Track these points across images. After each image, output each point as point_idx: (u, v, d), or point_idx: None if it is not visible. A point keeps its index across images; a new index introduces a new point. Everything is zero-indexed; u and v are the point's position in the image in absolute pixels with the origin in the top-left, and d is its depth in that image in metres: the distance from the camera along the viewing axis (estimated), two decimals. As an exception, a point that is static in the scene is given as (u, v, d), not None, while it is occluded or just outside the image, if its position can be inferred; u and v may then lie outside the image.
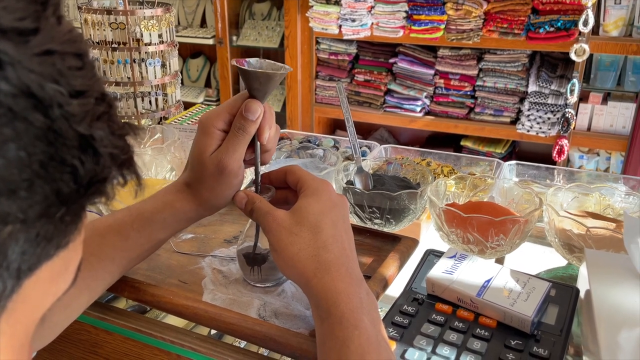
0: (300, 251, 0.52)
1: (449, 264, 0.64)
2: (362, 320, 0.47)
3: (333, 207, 0.55)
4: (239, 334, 0.57)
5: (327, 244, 0.52)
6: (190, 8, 3.39)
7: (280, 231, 0.54)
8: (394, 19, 2.49)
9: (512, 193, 0.80)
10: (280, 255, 0.54)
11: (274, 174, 0.61)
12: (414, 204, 0.78)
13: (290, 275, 0.54)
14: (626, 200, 0.79)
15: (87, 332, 0.66)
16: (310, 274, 0.51)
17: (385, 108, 2.72)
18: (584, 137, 2.40)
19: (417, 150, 1.10)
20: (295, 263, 0.52)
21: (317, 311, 0.50)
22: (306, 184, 0.57)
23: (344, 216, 0.56)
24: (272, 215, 0.55)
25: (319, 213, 0.54)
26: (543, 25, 2.24)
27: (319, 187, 0.56)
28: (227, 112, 0.57)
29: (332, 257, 0.52)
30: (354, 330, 0.47)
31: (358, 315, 0.48)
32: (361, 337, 0.46)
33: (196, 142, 0.58)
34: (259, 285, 0.65)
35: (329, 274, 0.51)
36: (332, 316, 0.48)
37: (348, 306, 0.48)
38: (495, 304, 0.57)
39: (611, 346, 0.51)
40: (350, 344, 0.46)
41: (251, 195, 0.58)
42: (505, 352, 0.54)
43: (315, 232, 0.53)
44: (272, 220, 0.54)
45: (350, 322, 0.47)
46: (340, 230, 0.54)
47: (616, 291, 0.59)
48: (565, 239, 0.72)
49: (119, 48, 1.18)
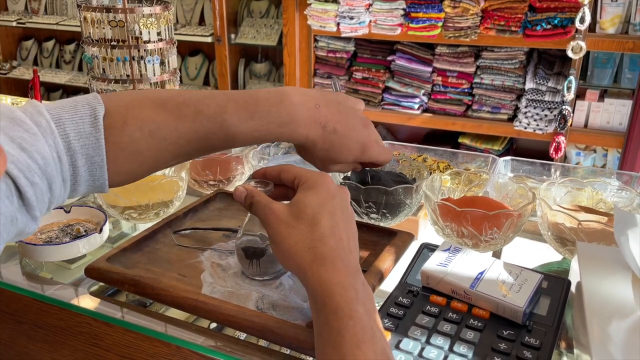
0: (297, 244, 0.53)
1: (443, 256, 0.65)
2: (357, 311, 0.48)
3: (331, 199, 0.56)
4: (237, 326, 0.59)
5: (323, 236, 0.53)
6: (189, 6, 3.39)
7: (278, 224, 0.55)
8: (391, 16, 2.50)
9: (507, 188, 0.81)
10: (278, 247, 0.55)
11: (269, 170, 0.61)
12: (409, 199, 0.79)
13: (288, 267, 0.56)
14: (618, 195, 0.80)
15: (87, 324, 0.67)
16: (307, 266, 0.52)
17: (383, 105, 2.73)
18: (580, 134, 2.41)
19: (414, 146, 1.11)
20: (292, 255, 0.53)
21: (313, 303, 0.52)
22: (304, 178, 0.58)
23: (343, 207, 0.57)
24: (271, 208, 0.56)
25: (317, 205, 0.55)
26: (540, 22, 2.26)
27: (317, 180, 0.57)
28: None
29: (328, 250, 0.53)
30: (348, 321, 0.48)
31: (353, 306, 0.49)
32: (356, 326, 0.47)
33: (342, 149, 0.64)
34: (257, 278, 0.66)
35: (325, 266, 0.52)
36: (328, 307, 0.49)
37: (343, 297, 0.49)
38: (488, 296, 0.59)
39: (601, 337, 0.53)
40: (345, 334, 0.47)
41: (250, 189, 0.59)
42: (497, 342, 0.55)
43: (312, 225, 0.54)
44: (270, 213, 0.56)
45: (345, 312, 0.48)
46: (338, 221, 0.55)
47: (606, 283, 0.60)
48: (558, 232, 0.73)
49: (118, 46, 1.19)
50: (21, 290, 0.71)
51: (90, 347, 0.68)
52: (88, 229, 0.80)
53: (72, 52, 3.87)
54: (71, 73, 3.81)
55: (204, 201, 0.85)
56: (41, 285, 0.73)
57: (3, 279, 0.74)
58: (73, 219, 0.83)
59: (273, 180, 0.61)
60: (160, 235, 0.76)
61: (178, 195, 0.87)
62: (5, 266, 0.78)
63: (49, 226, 0.81)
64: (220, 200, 0.88)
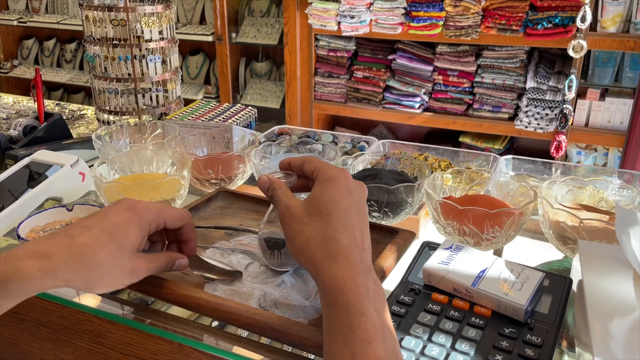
0: (310, 239, 0.54)
1: (445, 255, 0.65)
2: (368, 309, 0.48)
3: (347, 195, 0.56)
4: (240, 324, 0.59)
5: (336, 233, 0.53)
6: (190, 5, 3.40)
7: (292, 220, 0.56)
8: (392, 15, 2.50)
9: (508, 186, 0.81)
10: (291, 242, 0.56)
11: (294, 161, 0.62)
12: (411, 197, 0.79)
13: (301, 262, 0.56)
14: (620, 194, 0.80)
15: (90, 322, 0.67)
16: (319, 261, 0.52)
17: (384, 104, 2.73)
18: (581, 133, 2.41)
19: (415, 145, 1.11)
20: (305, 251, 0.54)
21: (324, 298, 0.52)
22: (321, 172, 0.58)
23: (360, 204, 0.57)
24: (287, 205, 0.57)
25: (330, 202, 0.55)
26: (541, 21, 2.26)
27: (334, 175, 0.57)
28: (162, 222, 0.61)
29: (341, 246, 0.53)
30: (360, 317, 0.48)
31: (365, 303, 0.49)
32: (367, 323, 0.47)
33: (129, 231, 0.56)
34: (278, 269, 0.67)
35: (337, 262, 0.52)
36: (339, 303, 0.49)
37: (355, 294, 0.49)
38: (490, 294, 0.59)
39: (603, 335, 0.53)
40: (356, 330, 0.47)
41: (273, 180, 0.60)
42: (499, 340, 0.55)
43: (326, 222, 0.54)
44: (286, 209, 0.57)
45: (356, 309, 0.48)
46: (352, 218, 0.55)
47: (608, 282, 0.60)
48: (559, 230, 0.73)
49: (119, 44, 1.19)
50: (24, 289, 0.71)
51: (93, 345, 0.68)
52: (90, 228, 0.80)
53: (72, 51, 3.88)
54: (72, 72, 3.82)
55: (206, 200, 0.85)
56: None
57: (6, 277, 0.74)
58: (75, 217, 0.84)
59: (296, 171, 0.62)
60: (163, 234, 0.76)
61: (180, 194, 0.87)
62: (7, 264, 0.78)
63: (52, 224, 0.81)
64: (222, 199, 0.88)
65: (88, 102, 3.86)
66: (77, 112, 1.51)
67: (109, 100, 1.25)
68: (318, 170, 0.59)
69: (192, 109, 1.29)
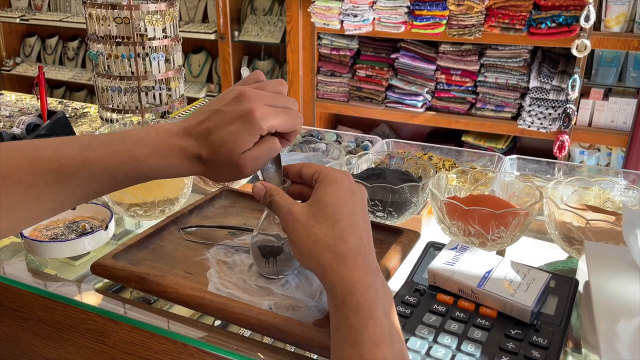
0: (317, 242, 0.53)
1: (450, 255, 0.65)
2: (376, 311, 0.48)
3: (351, 197, 0.55)
4: (244, 324, 0.58)
5: (343, 234, 0.53)
6: (192, 3, 3.39)
7: (297, 224, 0.54)
8: (395, 14, 2.50)
9: (513, 187, 0.81)
10: (297, 246, 0.54)
11: (291, 168, 0.61)
12: (415, 197, 0.79)
13: (307, 266, 0.55)
14: (626, 194, 0.80)
15: (94, 321, 0.67)
16: (327, 263, 0.52)
17: (387, 103, 2.72)
18: (585, 132, 2.41)
19: (419, 144, 1.11)
20: (311, 254, 0.53)
21: (332, 299, 0.51)
22: (323, 174, 0.57)
23: (362, 205, 0.57)
24: (289, 209, 0.55)
25: (336, 203, 0.54)
26: (544, 20, 2.25)
27: (337, 177, 0.56)
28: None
29: (348, 248, 0.52)
30: (368, 320, 0.47)
31: (373, 305, 0.48)
32: (375, 326, 0.47)
33: (238, 133, 0.54)
34: (273, 277, 0.65)
35: (345, 263, 0.51)
36: (347, 305, 0.49)
37: (364, 296, 0.49)
38: (495, 295, 0.58)
39: (610, 337, 0.52)
40: (364, 332, 0.47)
41: (269, 186, 0.58)
42: (505, 341, 0.55)
43: (332, 223, 0.53)
44: (289, 214, 0.55)
45: (365, 311, 0.48)
46: (358, 219, 0.55)
47: (615, 283, 0.60)
48: (565, 231, 0.73)
49: (123, 42, 1.18)
50: (26, 287, 0.71)
51: (96, 344, 0.68)
52: (93, 226, 0.80)
53: (75, 48, 3.87)
54: (74, 70, 3.81)
55: (210, 198, 0.85)
56: (46, 282, 0.73)
57: (8, 276, 0.74)
58: (78, 215, 0.83)
59: (293, 177, 0.61)
60: (166, 233, 0.76)
61: (183, 193, 0.86)
62: (10, 263, 0.78)
63: (55, 223, 0.81)
64: (226, 198, 0.87)
65: (90, 100, 3.86)
66: (80, 110, 1.51)
67: (112, 98, 1.24)
68: (319, 172, 0.58)
69: (195, 108, 1.29)
